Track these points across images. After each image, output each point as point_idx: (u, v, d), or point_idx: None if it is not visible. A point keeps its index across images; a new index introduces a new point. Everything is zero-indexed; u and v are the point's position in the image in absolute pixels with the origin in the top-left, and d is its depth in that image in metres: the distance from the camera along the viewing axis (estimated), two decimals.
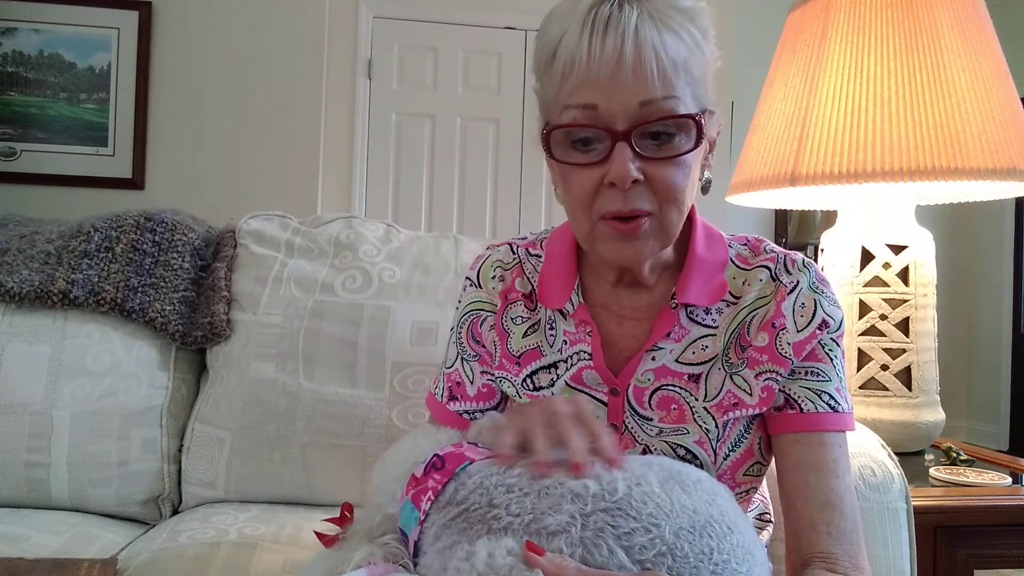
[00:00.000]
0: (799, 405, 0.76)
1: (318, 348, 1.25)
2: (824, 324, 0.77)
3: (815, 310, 0.77)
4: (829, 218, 1.61)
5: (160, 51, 3.07)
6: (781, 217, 4.66)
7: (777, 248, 0.82)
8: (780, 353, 0.76)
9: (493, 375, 0.86)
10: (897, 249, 1.38)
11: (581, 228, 0.75)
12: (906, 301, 1.37)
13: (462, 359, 0.88)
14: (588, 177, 0.71)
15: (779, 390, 0.77)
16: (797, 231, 4.66)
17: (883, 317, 1.37)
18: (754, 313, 0.78)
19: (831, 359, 0.77)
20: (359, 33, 3.52)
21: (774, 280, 0.79)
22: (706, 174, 0.78)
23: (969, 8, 1.32)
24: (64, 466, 1.20)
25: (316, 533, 0.73)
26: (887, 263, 1.37)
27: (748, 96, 2.22)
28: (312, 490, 1.24)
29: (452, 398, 0.87)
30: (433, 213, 3.66)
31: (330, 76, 3.31)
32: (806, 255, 0.82)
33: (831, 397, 0.76)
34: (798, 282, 0.78)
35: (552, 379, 0.82)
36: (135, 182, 3.04)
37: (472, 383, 0.87)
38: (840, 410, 0.76)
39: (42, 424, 1.19)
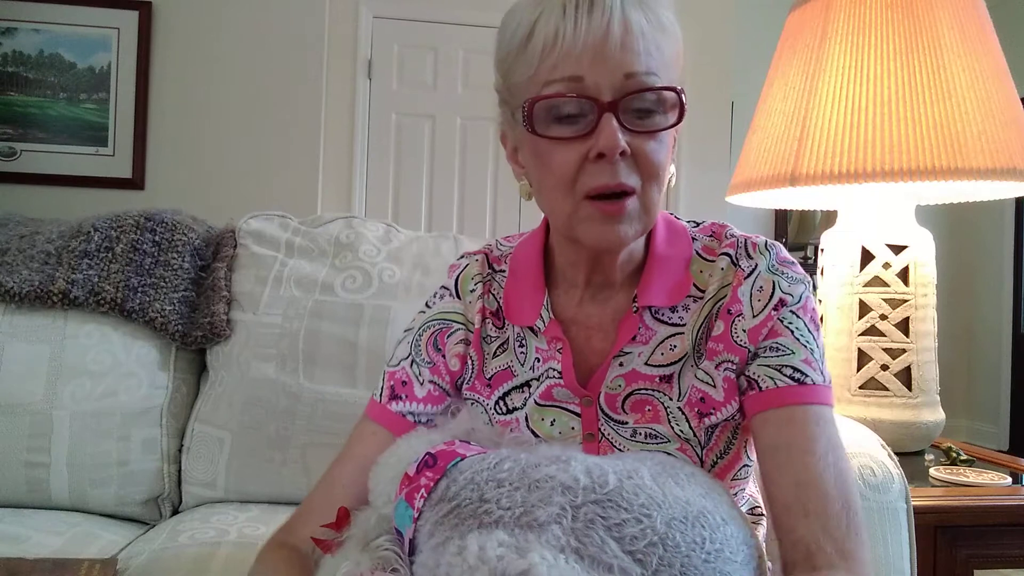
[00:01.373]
0: (758, 384, 0.72)
1: (318, 348, 1.25)
2: (781, 303, 0.73)
3: (772, 291, 0.74)
4: (829, 218, 1.61)
5: (160, 51, 3.07)
6: (781, 217, 4.66)
7: (739, 233, 0.79)
8: (735, 341, 0.73)
9: (444, 388, 0.83)
10: (897, 249, 1.38)
11: (562, 210, 0.72)
12: (906, 301, 1.37)
13: (413, 361, 0.83)
14: (572, 152, 0.69)
15: (738, 375, 0.73)
16: (797, 231, 4.67)
17: (883, 317, 1.37)
18: (718, 304, 0.76)
19: (791, 331, 0.72)
20: (359, 33, 3.52)
21: (734, 266, 0.76)
22: (671, 168, 0.77)
23: (969, 8, 1.32)
24: (64, 466, 1.20)
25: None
26: (887, 263, 1.37)
27: (748, 96, 2.23)
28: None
29: (394, 397, 0.82)
30: (433, 213, 3.66)
31: (330, 76, 3.31)
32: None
33: (795, 370, 0.71)
34: (756, 265, 0.75)
35: (525, 398, 0.79)
36: (135, 182, 3.04)
37: (421, 385, 0.82)
38: (808, 382, 0.70)
39: (42, 424, 1.19)
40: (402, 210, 3.62)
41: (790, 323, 0.73)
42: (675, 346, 0.76)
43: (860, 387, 1.38)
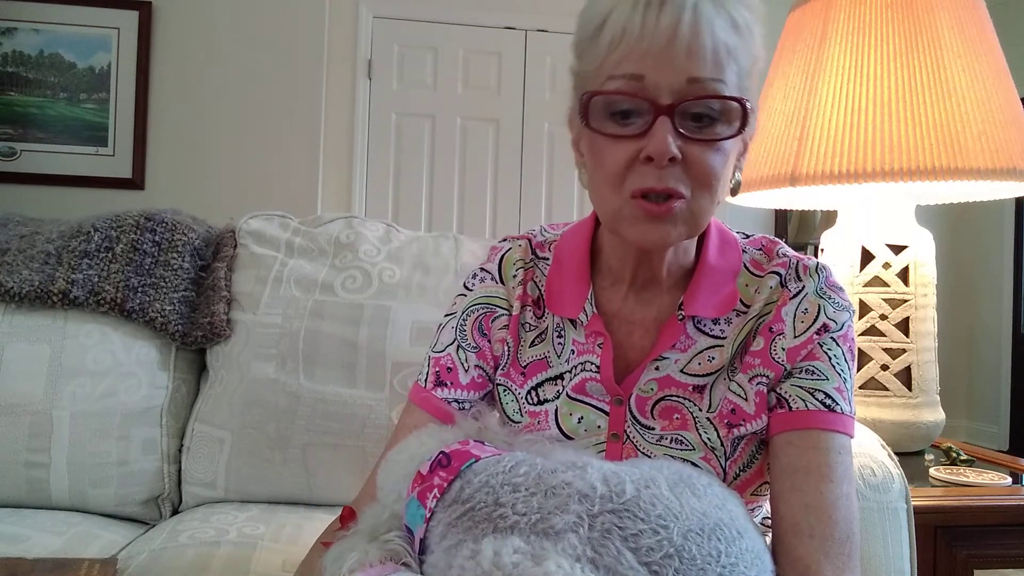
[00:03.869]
0: (788, 403, 0.72)
1: (318, 348, 1.25)
2: (824, 328, 0.74)
3: (817, 315, 0.74)
4: (829, 218, 1.61)
5: (160, 51, 3.07)
6: (781, 217, 4.66)
7: (791, 253, 0.79)
8: (773, 358, 0.74)
9: (488, 374, 0.82)
10: (897, 249, 1.38)
11: (609, 206, 0.71)
12: (906, 301, 1.37)
13: (459, 346, 0.82)
14: (623, 150, 0.68)
15: (769, 390, 0.74)
16: (797, 231, 4.66)
17: (883, 317, 1.37)
18: (761, 320, 0.76)
19: (829, 358, 0.73)
20: (359, 33, 3.52)
21: (783, 287, 0.76)
22: (736, 175, 0.76)
23: (969, 8, 1.32)
24: (64, 466, 1.20)
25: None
26: (887, 263, 1.37)
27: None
28: (312, 490, 1.24)
29: (439, 384, 0.81)
30: (433, 213, 3.66)
31: (330, 76, 3.31)
32: (806, 255, 0.80)
33: (827, 395, 0.72)
34: (804, 287, 0.75)
35: (558, 391, 0.79)
36: (135, 182, 3.04)
37: (466, 371, 0.81)
38: (838, 410, 0.72)
39: (42, 424, 1.19)
40: (402, 210, 3.62)
41: (829, 349, 0.74)
42: (713, 358, 0.76)
43: (860, 387, 1.39)
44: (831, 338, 0.74)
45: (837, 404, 0.72)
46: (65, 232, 1.34)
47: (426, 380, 0.82)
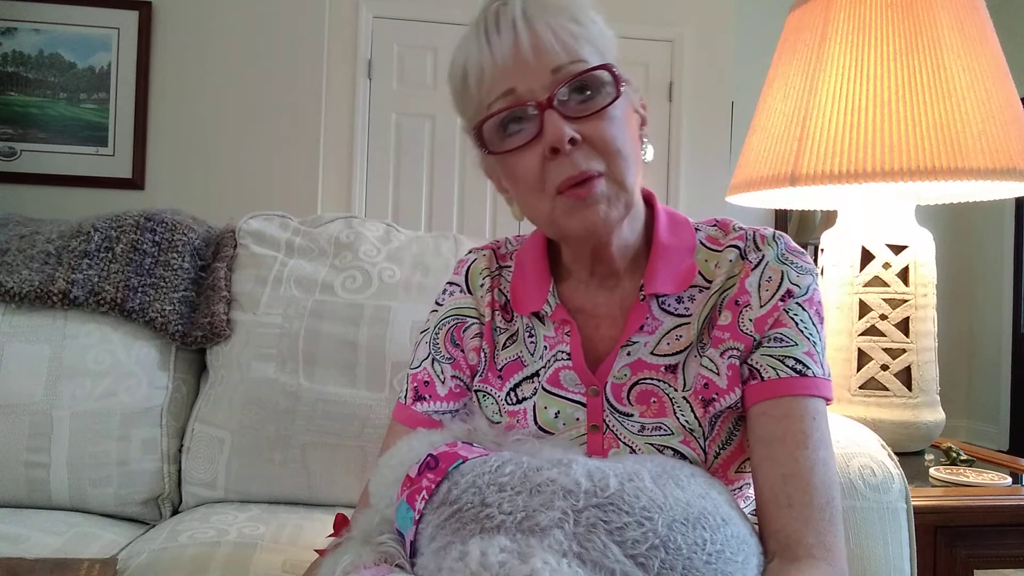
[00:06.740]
0: (760, 373, 0.73)
1: (318, 348, 1.26)
2: (788, 294, 0.75)
3: (781, 281, 0.75)
4: (829, 218, 1.61)
5: (160, 51, 3.07)
6: (781, 217, 4.67)
7: (746, 225, 0.81)
8: (741, 330, 0.75)
9: (466, 383, 0.84)
10: (897, 249, 1.38)
11: (541, 212, 0.74)
12: (906, 301, 1.37)
13: (433, 359, 0.85)
14: (530, 156, 0.72)
15: (742, 363, 0.75)
16: (797, 231, 4.67)
17: (883, 317, 1.37)
18: (724, 295, 0.77)
19: (796, 323, 0.74)
20: (359, 33, 3.51)
21: (743, 259, 0.77)
22: (647, 148, 0.79)
23: (969, 8, 1.32)
24: (64, 466, 1.20)
25: (317, 551, 0.73)
26: (887, 263, 1.37)
27: (748, 96, 2.23)
28: (312, 490, 1.24)
29: (418, 398, 0.84)
30: (433, 213, 3.66)
31: (330, 76, 3.31)
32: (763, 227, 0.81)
33: (797, 361, 0.72)
34: (764, 256, 0.76)
35: (535, 388, 0.80)
36: (135, 182, 3.04)
37: (443, 383, 0.84)
38: (809, 374, 0.72)
39: (42, 424, 1.19)
40: (402, 210, 3.62)
41: (796, 315, 0.75)
42: (680, 336, 0.77)
43: (860, 387, 1.38)
44: (796, 303, 0.75)
45: (808, 368, 0.73)
46: (65, 232, 1.34)
47: (406, 397, 0.85)
